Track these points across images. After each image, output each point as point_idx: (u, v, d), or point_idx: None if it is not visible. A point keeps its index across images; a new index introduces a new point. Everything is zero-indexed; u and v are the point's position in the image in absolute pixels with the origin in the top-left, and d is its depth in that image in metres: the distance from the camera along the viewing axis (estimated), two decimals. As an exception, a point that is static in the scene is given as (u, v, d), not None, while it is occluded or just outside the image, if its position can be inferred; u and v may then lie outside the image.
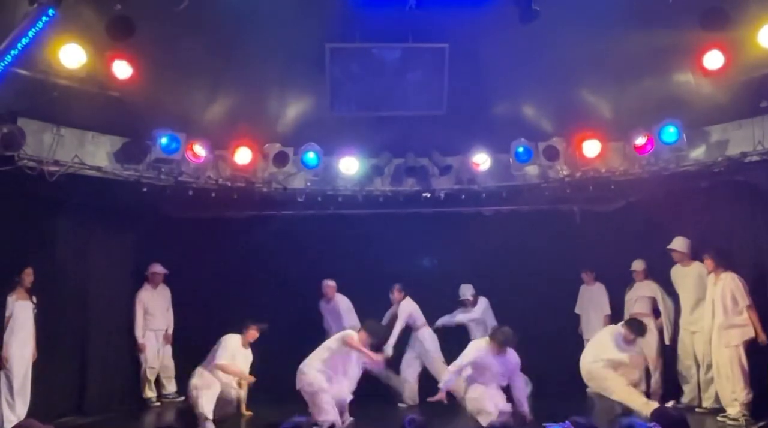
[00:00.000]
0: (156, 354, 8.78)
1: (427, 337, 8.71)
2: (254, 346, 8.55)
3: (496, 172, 8.69)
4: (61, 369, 7.85)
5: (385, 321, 8.66)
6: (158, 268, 8.91)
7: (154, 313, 8.82)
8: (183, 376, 9.00)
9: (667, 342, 8.38)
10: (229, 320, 8.83)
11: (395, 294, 8.75)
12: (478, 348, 7.50)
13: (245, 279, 9.35)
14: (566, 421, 4.10)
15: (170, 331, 8.96)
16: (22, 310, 7.13)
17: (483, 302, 9.14)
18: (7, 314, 7.02)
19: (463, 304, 9.10)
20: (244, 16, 6.58)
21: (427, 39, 7.25)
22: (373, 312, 8.78)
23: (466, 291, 9.07)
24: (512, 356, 7.51)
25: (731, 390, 7.08)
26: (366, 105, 7.78)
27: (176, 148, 7.83)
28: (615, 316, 8.93)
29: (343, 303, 9.07)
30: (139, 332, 8.67)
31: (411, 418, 4.43)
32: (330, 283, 9.11)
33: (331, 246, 9.29)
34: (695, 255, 7.90)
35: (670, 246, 8.00)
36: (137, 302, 8.76)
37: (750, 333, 7.07)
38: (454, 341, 8.62)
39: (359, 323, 8.44)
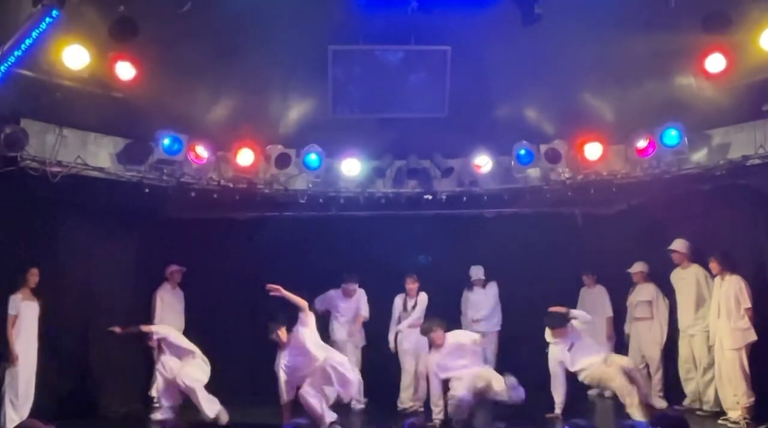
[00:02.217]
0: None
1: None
2: (254, 347, 8.59)
3: (497, 175, 8.69)
4: (64, 369, 7.86)
5: (395, 312, 8.70)
6: (175, 267, 8.94)
7: (171, 313, 8.86)
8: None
9: (660, 345, 8.39)
10: (229, 321, 8.88)
11: (411, 285, 8.66)
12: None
13: (246, 280, 9.34)
14: (566, 425, 4.09)
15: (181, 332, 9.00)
16: (28, 310, 7.16)
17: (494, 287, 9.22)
18: (13, 313, 7.04)
19: (472, 285, 9.15)
20: (247, 17, 6.59)
21: (429, 41, 7.26)
22: (374, 313, 8.81)
23: (479, 271, 9.13)
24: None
25: (733, 394, 7.08)
26: (368, 107, 7.79)
27: (178, 149, 7.84)
28: (617, 319, 8.94)
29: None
30: (155, 328, 8.70)
31: (411, 422, 4.42)
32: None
33: (332, 248, 9.30)
34: (695, 258, 7.91)
35: (671, 247, 8.02)
36: (157, 299, 8.81)
37: (752, 336, 7.07)
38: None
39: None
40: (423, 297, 8.66)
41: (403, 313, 8.66)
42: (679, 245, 8.00)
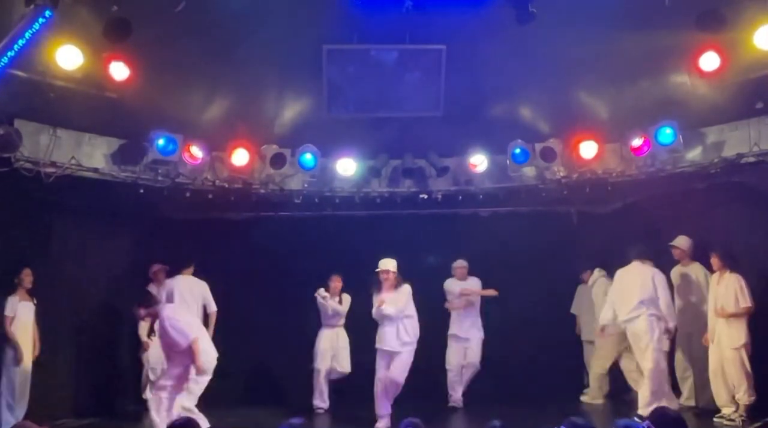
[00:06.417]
0: (159, 355, 8.77)
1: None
2: (251, 347, 8.59)
3: (493, 174, 8.71)
4: (58, 370, 7.84)
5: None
6: (158, 266, 8.89)
7: None
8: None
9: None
10: (225, 321, 8.82)
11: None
12: None
13: (242, 281, 9.33)
14: (564, 423, 4.08)
15: None
16: (24, 311, 7.14)
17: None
18: (10, 314, 7.02)
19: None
20: (241, 17, 6.57)
21: (424, 40, 7.26)
22: (369, 312, 8.78)
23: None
24: None
25: (731, 392, 7.09)
26: (363, 106, 7.78)
27: (173, 150, 7.83)
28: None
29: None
30: (142, 331, 8.66)
31: (409, 421, 4.40)
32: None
33: (328, 248, 9.28)
34: (694, 256, 7.92)
35: (673, 243, 8.02)
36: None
37: (748, 335, 7.07)
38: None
39: None
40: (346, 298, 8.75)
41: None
42: (681, 241, 8.00)
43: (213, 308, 8.03)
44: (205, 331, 7.23)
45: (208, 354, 6.82)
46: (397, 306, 7.51)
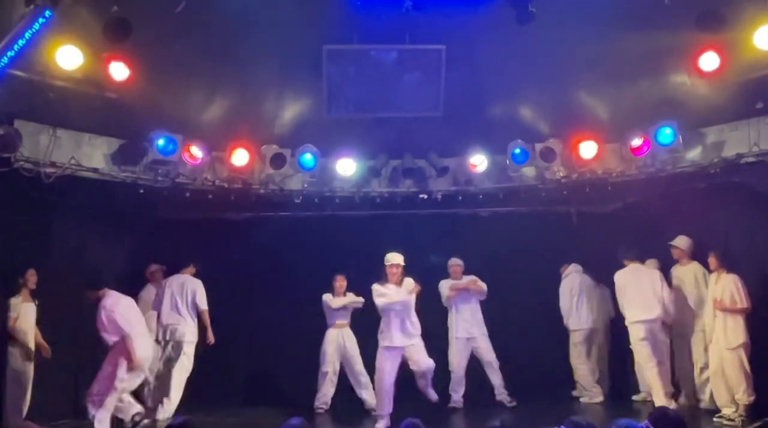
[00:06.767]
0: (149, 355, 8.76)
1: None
2: (251, 347, 8.56)
3: (492, 174, 8.71)
4: (59, 371, 7.81)
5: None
6: (155, 266, 8.88)
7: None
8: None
9: None
10: (226, 322, 8.84)
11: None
12: None
13: (242, 281, 9.34)
14: (564, 423, 4.09)
15: None
16: (26, 312, 7.13)
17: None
18: (13, 315, 7.01)
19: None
20: (241, 17, 6.58)
21: (424, 40, 7.27)
22: (369, 313, 8.78)
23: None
24: None
25: (731, 392, 7.09)
26: (363, 106, 7.79)
27: (173, 150, 7.83)
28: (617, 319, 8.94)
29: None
30: None
31: (409, 421, 4.41)
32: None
33: (328, 248, 9.28)
34: (694, 256, 7.93)
35: (672, 243, 8.03)
36: (138, 301, 8.72)
37: (747, 335, 7.07)
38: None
39: None
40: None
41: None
42: (680, 241, 8.01)
43: (202, 307, 8.05)
44: (144, 330, 7.40)
45: (143, 353, 7.11)
46: (406, 296, 7.60)
